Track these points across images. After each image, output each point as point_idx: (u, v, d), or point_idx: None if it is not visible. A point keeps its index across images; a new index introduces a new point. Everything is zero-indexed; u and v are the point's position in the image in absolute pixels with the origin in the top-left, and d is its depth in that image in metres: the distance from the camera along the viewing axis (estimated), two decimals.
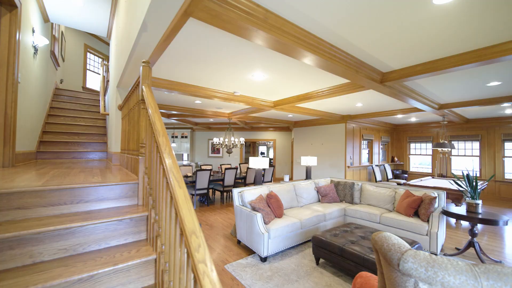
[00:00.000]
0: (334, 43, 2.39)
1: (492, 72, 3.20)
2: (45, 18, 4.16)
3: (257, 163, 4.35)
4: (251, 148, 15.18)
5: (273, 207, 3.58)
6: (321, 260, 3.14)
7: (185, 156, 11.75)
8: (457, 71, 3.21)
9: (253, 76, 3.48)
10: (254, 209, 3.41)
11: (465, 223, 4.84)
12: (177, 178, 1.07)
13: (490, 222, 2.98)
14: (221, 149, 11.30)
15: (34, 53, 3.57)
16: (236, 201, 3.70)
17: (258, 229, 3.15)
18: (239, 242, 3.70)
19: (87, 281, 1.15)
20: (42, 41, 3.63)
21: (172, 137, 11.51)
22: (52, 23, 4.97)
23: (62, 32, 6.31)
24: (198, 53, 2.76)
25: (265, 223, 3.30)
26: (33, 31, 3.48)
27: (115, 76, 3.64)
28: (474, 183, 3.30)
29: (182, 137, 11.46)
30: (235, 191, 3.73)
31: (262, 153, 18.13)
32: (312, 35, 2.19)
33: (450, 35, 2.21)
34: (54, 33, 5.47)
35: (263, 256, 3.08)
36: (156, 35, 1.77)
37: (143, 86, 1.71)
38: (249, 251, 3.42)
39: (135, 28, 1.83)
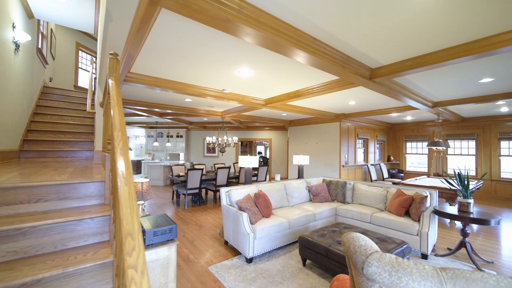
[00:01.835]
0: (318, 36, 2.30)
1: (484, 67, 3.11)
2: (29, 14, 4.06)
3: (247, 162, 4.27)
4: (248, 148, 15.09)
5: (260, 207, 3.49)
6: (308, 261, 3.05)
7: (181, 156, 11.66)
8: (448, 67, 3.13)
9: (239, 72, 3.39)
10: (240, 208, 3.32)
11: (459, 223, 4.75)
12: (124, 174, 0.98)
13: (482, 221, 2.89)
14: (216, 148, 11.21)
15: (15, 49, 3.47)
16: (224, 200, 3.61)
17: (243, 229, 3.06)
18: (226, 242, 3.62)
19: (33, 286, 1.06)
20: (24, 37, 3.53)
21: (167, 136, 11.41)
22: (38, 20, 4.87)
23: (51, 29, 6.22)
24: (183, 49, 2.67)
25: (252, 223, 3.21)
26: (14, 27, 3.39)
27: (98, 72, 3.55)
28: (465, 182, 3.22)
29: (177, 136, 11.37)
30: (223, 190, 3.65)
31: (260, 153, 18.04)
32: (292, 28, 2.10)
33: (438, 28, 2.12)
34: (42, 31, 5.37)
35: (248, 257, 2.99)
36: (123, 25, 1.69)
37: (109, 79, 1.62)
38: (236, 252, 3.34)
39: (102, 18, 1.74)
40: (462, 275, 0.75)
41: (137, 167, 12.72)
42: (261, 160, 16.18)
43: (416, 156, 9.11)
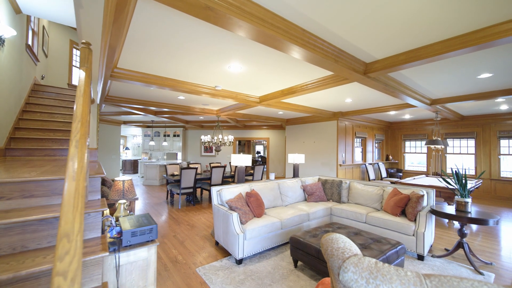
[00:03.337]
0: (307, 27, 2.20)
1: (482, 62, 3.01)
2: (16, 9, 3.96)
3: (240, 160, 4.17)
4: (246, 147, 14.99)
5: (252, 206, 3.39)
6: (300, 263, 2.95)
7: (179, 155, 11.55)
8: (444, 62, 3.02)
9: (229, 67, 3.29)
10: (231, 208, 3.22)
11: (458, 223, 4.64)
12: (75, 168, 0.88)
13: (480, 221, 2.79)
14: (213, 147, 11.11)
15: (0, 44, 3.37)
16: (215, 199, 3.51)
17: (233, 230, 2.96)
18: (217, 243, 3.52)
19: None
20: (9, 32, 3.43)
21: (164, 135, 11.32)
22: (28, 16, 4.77)
23: (43, 26, 6.12)
24: (172, 43, 2.56)
25: (242, 223, 3.11)
26: None
27: None
28: (463, 181, 3.11)
29: (174, 135, 11.27)
30: (214, 190, 3.55)
31: (258, 152, 17.95)
32: (279, 18, 2.00)
33: (432, 18, 2.02)
34: (33, 27, 5.28)
35: (238, 258, 2.89)
36: (94, 12, 1.59)
37: (81, 70, 1.52)
38: (226, 253, 3.24)
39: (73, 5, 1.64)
40: (448, 283, 0.65)
41: (133, 166, 12.64)
42: (260, 159, 16.08)
43: (415, 155, 9.00)
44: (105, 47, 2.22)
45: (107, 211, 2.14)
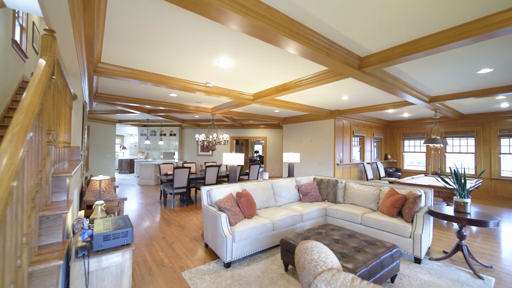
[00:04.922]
0: (294, 17, 2.06)
1: (482, 56, 2.87)
2: None
3: (232, 159, 4.03)
4: (244, 147, 14.85)
5: (242, 207, 3.26)
6: (290, 266, 2.81)
7: (176, 155, 11.42)
8: (443, 57, 2.89)
9: (218, 62, 3.15)
10: (220, 209, 3.09)
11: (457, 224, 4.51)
12: (1, 167, 0.75)
13: (480, 223, 2.66)
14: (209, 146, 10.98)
15: None
16: (205, 200, 3.38)
17: (221, 231, 2.83)
18: (206, 245, 3.38)
19: None
20: None
21: (160, 134, 11.18)
22: (14, 11, 4.64)
23: (33, 22, 5.98)
24: (155, 34, 2.43)
25: (231, 224, 2.98)
26: None
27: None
28: (462, 180, 2.98)
29: (170, 134, 11.13)
30: (204, 189, 3.41)
31: (256, 152, 17.82)
32: (264, 5, 1.86)
33: (428, 7, 1.88)
34: (21, 23, 5.14)
35: (226, 261, 2.76)
36: None
37: (41, 59, 1.38)
38: (215, 256, 3.11)
39: None
40: None
41: (130, 166, 12.50)
42: (258, 159, 15.95)
43: (414, 154, 8.86)
44: (81, 38, 2.08)
45: (81, 213, 2.01)
